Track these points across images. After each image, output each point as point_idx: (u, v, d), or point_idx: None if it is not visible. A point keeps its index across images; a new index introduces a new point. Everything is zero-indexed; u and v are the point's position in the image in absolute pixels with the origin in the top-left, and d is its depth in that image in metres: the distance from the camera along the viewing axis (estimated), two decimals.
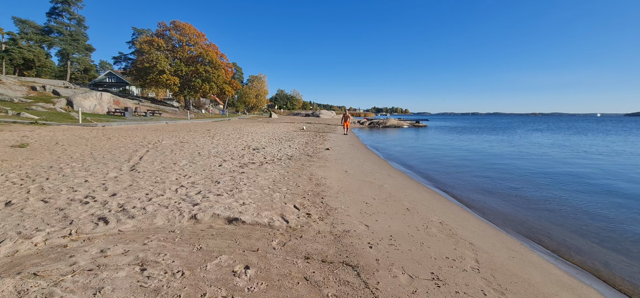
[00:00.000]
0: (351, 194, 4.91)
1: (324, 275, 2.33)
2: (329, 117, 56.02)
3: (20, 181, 4.70)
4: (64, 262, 2.26)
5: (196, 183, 4.95)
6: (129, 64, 48.65)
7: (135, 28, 52.20)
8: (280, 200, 4.23)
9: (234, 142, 11.35)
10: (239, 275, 2.22)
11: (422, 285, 2.31)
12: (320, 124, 33.17)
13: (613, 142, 17.57)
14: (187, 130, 16.47)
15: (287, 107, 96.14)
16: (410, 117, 76.78)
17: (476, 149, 14.41)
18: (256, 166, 6.73)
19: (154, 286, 2.00)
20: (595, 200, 5.67)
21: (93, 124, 16.31)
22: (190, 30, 40.33)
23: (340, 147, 11.84)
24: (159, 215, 3.41)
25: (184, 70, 39.12)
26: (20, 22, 41.79)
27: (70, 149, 8.09)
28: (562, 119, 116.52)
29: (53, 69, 49.12)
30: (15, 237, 2.71)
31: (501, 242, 3.57)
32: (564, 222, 4.54)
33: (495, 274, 2.63)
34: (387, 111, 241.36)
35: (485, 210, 5.10)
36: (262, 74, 68.74)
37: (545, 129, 33.13)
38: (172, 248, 2.59)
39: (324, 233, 3.19)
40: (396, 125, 32.75)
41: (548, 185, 6.82)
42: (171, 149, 8.99)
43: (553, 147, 15.15)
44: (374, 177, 6.57)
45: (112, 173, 5.46)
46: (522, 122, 60.75)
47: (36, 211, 3.43)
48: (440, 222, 3.95)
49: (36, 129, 12.14)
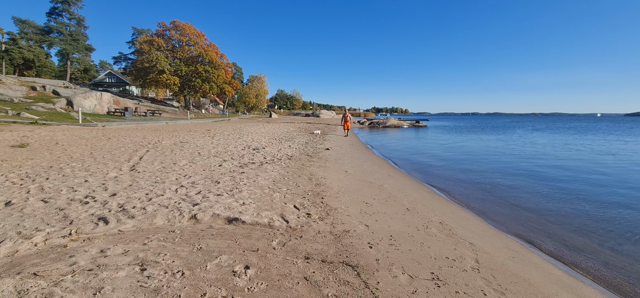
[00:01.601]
0: (351, 194, 4.91)
1: (324, 275, 2.33)
2: (328, 117, 56.03)
3: (20, 181, 4.70)
4: (64, 262, 2.26)
5: (196, 183, 4.95)
6: (129, 64, 48.67)
7: (135, 28, 52.26)
8: (280, 200, 4.23)
9: (234, 142, 11.35)
10: (239, 275, 2.23)
11: (422, 285, 2.31)
12: (320, 124, 33.16)
13: (613, 142, 17.57)
14: (187, 130, 16.47)
15: (287, 107, 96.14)
16: (410, 117, 76.78)
17: (476, 148, 14.41)
18: (256, 166, 6.73)
19: (154, 286, 2.00)
20: (595, 200, 5.67)
21: (93, 124, 16.31)
22: (190, 30, 40.33)
23: (340, 147, 11.84)
24: (159, 215, 3.41)
25: (184, 70, 39.13)
26: (20, 22, 41.77)
27: (70, 149, 8.09)
28: (562, 118, 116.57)
29: (53, 69, 49.12)
30: (15, 237, 2.71)
31: (501, 242, 3.57)
32: (564, 222, 4.54)
33: (495, 274, 2.63)
34: (387, 111, 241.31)
35: (485, 210, 5.10)
36: (262, 74, 68.81)
37: (544, 129, 33.13)
38: (172, 248, 2.59)
39: (324, 233, 3.19)
40: (396, 125, 32.76)
41: (548, 185, 6.83)
42: (171, 149, 8.99)
43: (552, 146, 15.15)
44: (374, 177, 6.57)
45: (112, 173, 5.46)
46: (522, 122, 60.77)
47: (36, 211, 3.43)
48: (440, 222, 3.95)
49: (36, 129, 12.14)
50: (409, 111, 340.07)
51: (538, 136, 22.56)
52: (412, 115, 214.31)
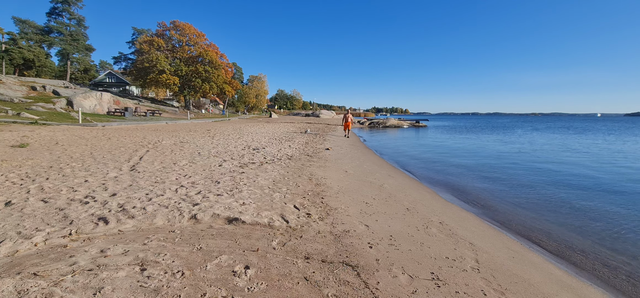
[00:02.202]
0: (351, 194, 4.91)
1: (324, 275, 2.33)
2: (328, 117, 56.00)
3: (20, 181, 4.70)
4: (64, 262, 2.26)
5: (196, 183, 4.94)
6: (129, 64, 48.65)
7: (135, 28, 52.26)
8: (280, 200, 4.23)
9: (234, 142, 11.35)
10: (239, 275, 2.22)
11: (422, 285, 2.31)
12: (320, 124, 33.16)
13: (613, 142, 17.56)
14: (187, 130, 16.47)
15: (287, 107, 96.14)
16: (410, 117, 76.77)
17: (475, 148, 14.42)
18: (256, 166, 6.73)
19: (154, 286, 2.00)
20: (596, 200, 5.67)
21: (93, 124, 16.31)
22: (190, 30, 40.33)
23: (340, 147, 11.84)
24: (159, 215, 3.41)
25: (184, 70, 39.13)
26: (20, 22, 41.77)
27: (70, 149, 8.09)
28: (562, 118, 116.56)
29: (53, 69, 49.10)
30: (15, 237, 2.71)
31: (501, 242, 3.57)
32: (565, 221, 4.54)
33: (495, 274, 2.63)
34: (387, 111, 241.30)
35: (485, 210, 5.10)
36: (262, 74, 68.79)
37: (544, 129, 33.14)
38: (172, 248, 2.59)
39: (324, 233, 3.19)
40: (396, 125, 32.76)
41: (547, 185, 6.82)
42: (171, 148, 8.99)
43: (551, 146, 15.15)
44: (374, 177, 6.57)
45: (112, 173, 5.46)
46: (522, 122, 60.78)
47: (36, 211, 3.43)
48: (440, 222, 3.95)
49: (36, 129, 12.14)
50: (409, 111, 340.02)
51: (537, 136, 22.56)
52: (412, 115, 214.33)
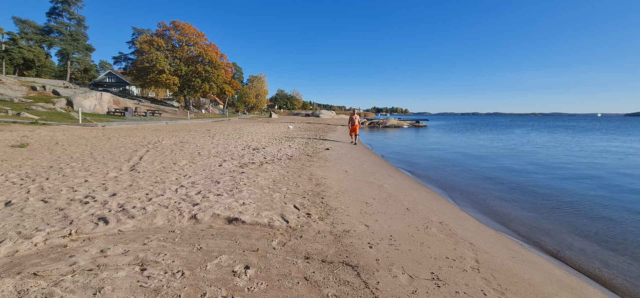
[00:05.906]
0: (351, 194, 4.90)
1: (324, 275, 2.33)
2: (328, 117, 56.03)
3: (20, 181, 4.70)
4: (64, 262, 2.26)
5: (196, 183, 4.94)
6: (129, 64, 48.63)
7: (135, 28, 52.25)
8: (280, 200, 4.23)
9: (234, 142, 11.35)
10: (239, 275, 2.22)
11: (422, 285, 2.31)
12: (320, 124, 33.16)
13: (613, 142, 17.57)
14: (187, 130, 16.46)
15: (287, 107, 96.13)
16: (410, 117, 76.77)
17: (475, 148, 14.41)
18: (256, 166, 6.73)
19: (154, 286, 2.00)
20: (596, 200, 5.66)
21: (93, 124, 16.31)
22: (190, 30, 40.32)
23: (340, 147, 11.84)
24: (159, 215, 3.41)
25: (184, 70, 39.12)
26: (20, 22, 41.76)
27: (70, 149, 8.08)
28: (562, 118, 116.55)
29: (53, 69, 49.09)
30: (15, 237, 2.71)
31: (501, 242, 3.57)
32: (565, 221, 4.53)
33: (495, 274, 2.62)
34: (387, 111, 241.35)
35: (485, 210, 5.10)
36: (262, 73, 68.84)
37: (544, 129, 33.14)
38: (172, 248, 2.59)
39: (324, 233, 3.19)
40: (396, 125, 32.76)
41: (547, 185, 6.82)
42: (171, 148, 8.99)
43: (551, 146, 15.15)
44: (374, 177, 6.57)
45: (112, 173, 5.46)
46: (522, 122, 60.79)
47: (36, 211, 3.43)
48: (440, 222, 3.95)
49: (36, 129, 12.13)
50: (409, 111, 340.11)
51: (537, 136, 22.56)
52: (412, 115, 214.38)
